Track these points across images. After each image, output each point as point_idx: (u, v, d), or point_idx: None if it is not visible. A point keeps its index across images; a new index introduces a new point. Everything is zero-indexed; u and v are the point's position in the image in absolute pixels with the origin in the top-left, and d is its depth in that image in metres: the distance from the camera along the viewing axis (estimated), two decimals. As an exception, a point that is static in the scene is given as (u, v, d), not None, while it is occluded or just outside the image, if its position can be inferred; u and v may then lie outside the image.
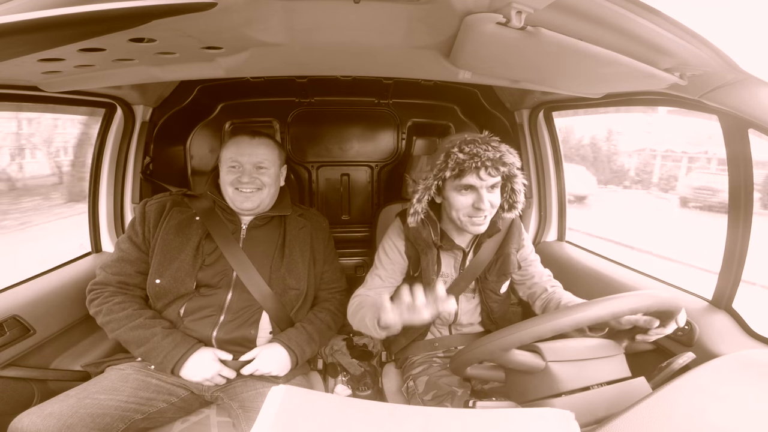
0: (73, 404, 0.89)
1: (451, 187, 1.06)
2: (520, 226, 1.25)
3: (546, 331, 0.68)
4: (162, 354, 1.00)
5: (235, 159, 1.16)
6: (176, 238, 1.13)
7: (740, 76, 0.78)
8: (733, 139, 0.94)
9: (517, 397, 0.75)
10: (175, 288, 1.09)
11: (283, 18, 0.69)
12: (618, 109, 1.42)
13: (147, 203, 1.19)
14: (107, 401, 0.93)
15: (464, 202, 1.05)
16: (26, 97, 1.07)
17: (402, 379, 1.28)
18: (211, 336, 1.08)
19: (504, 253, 1.19)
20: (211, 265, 1.13)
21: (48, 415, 0.85)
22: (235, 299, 1.12)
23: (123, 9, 0.50)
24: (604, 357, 0.74)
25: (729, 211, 0.99)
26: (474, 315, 1.26)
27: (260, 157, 1.16)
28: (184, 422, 1.04)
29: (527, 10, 0.59)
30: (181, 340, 1.03)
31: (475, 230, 1.08)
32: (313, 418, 0.50)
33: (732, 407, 0.57)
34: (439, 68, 0.93)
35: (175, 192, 1.26)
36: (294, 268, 1.19)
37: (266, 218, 1.23)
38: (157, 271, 1.10)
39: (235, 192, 1.15)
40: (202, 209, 1.18)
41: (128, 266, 1.12)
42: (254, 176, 1.16)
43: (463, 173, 1.02)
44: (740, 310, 0.99)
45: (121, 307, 1.06)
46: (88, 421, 0.87)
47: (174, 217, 1.16)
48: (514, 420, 0.52)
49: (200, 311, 1.10)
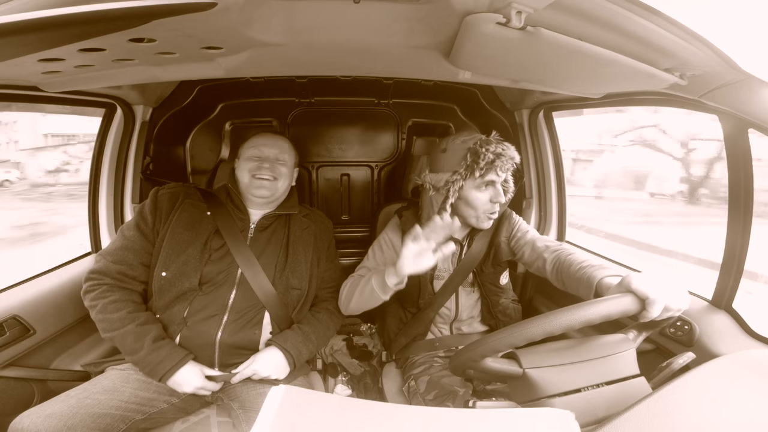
0: (73, 405, 0.89)
1: (472, 185, 1.12)
2: (509, 215, 1.27)
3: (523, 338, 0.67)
4: (148, 367, 0.99)
5: (257, 149, 1.21)
6: (186, 231, 1.12)
7: (740, 76, 0.78)
8: (733, 139, 0.94)
9: (518, 397, 0.75)
10: (180, 282, 1.07)
11: (283, 18, 0.69)
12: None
13: (159, 192, 1.18)
14: (108, 401, 0.93)
15: (483, 199, 1.12)
16: (26, 97, 1.07)
17: (403, 379, 1.28)
18: (216, 338, 1.06)
19: (495, 243, 1.21)
20: (217, 261, 1.13)
21: (49, 416, 0.85)
22: (239, 298, 1.11)
23: (123, 9, 0.50)
24: (595, 359, 0.73)
25: (729, 211, 0.99)
26: (474, 310, 1.26)
27: (280, 149, 1.23)
28: (185, 422, 1.04)
29: (527, 10, 0.59)
30: (167, 354, 1.00)
31: (488, 225, 1.16)
32: (313, 418, 0.50)
33: (732, 407, 0.57)
34: (439, 68, 0.93)
35: (189, 184, 1.28)
36: (297, 269, 1.20)
37: (273, 217, 1.24)
38: (164, 264, 1.09)
39: (252, 179, 1.18)
40: (213, 204, 1.19)
41: (131, 255, 1.09)
42: (274, 165, 1.20)
43: (488, 171, 1.10)
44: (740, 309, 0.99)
45: (115, 306, 1.03)
46: (89, 421, 0.87)
47: (187, 209, 1.16)
48: (514, 420, 0.52)
49: (204, 310, 1.08)
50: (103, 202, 1.48)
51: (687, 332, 1.00)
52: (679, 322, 1.02)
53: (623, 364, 0.74)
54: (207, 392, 1.04)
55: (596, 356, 0.72)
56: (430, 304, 1.23)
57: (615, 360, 0.73)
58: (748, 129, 0.90)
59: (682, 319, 1.02)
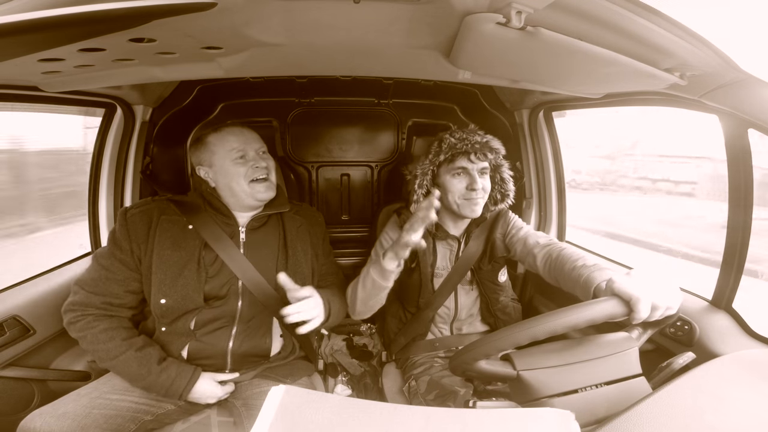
0: (86, 404, 0.89)
1: (446, 171, 1.16)
2: (505, 212, 1.28)
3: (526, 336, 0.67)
4: (163, 389, 0.97)
5: (242, 149, 1.07)
6: (174, 253, 1.03)
7: (740, 76, 0.78)
8: (733, 139, 0.94)
9: (518, 397, 0.75)
10: (184, 305, 1.02)
11: (283, 18, 0.69)
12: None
13: (128, 213, 1.06)
14: (119, 402, 0.94)
15: (458, 185, 1.15)
16: (26, 97, 1.07)
17: (403, 379, 1.28)
18: (227, 349, 1.05)
19: (491, 240, 1.23)
20: (215, 276, 1.06)
21: (62, 415, 0.85)
22: (246, 307, 1.07)
23: (123, 9, 0.50)
24: (596, 358, 0.73)
25: (729, 211, 0.99)
26: (474, 308, 1.26)
27: (257, 139, 1.13)
28: (185, 422, 1.04)
29: (527, 10, 0.59)
30: (177, 374, 0.98)
31: (472, 212, 1.15)
32: (313, 418, 0.50)
33: (732, 407, 0.57)
34: (439, 68, 0.93)
35: (159, 198, 1.14)
36: (299, 269, 1.15)
37: (263, 218, 1.15)
38: (160, 291, 1.01)
39: (253, 185, 1.07)
40: (192, 215, 1.08)
41: (115, 286, 1.02)
42: (263, 160, 1.10)
43: (455, 157, 1.14)
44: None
45: (107, 336, 0.97)
46: (102, 421, 0.87)
47: (165, 228, 1.05)
48: (514, 420, 0.52)
49: (212, 323, 1.05)
50: (103, 203, 1.48)
51: (687, 332, 1.00)
52: (679, 322, 1.02)
53: (626, 363, 0.73)
54: (225, 396, 1.06)
55: (598, 356, 0.72)
56: (429, 303, 1.23)
57: (618, 359, 0.73)
58: (748, 129, 0.90)
59: (682, 319, 1.02)
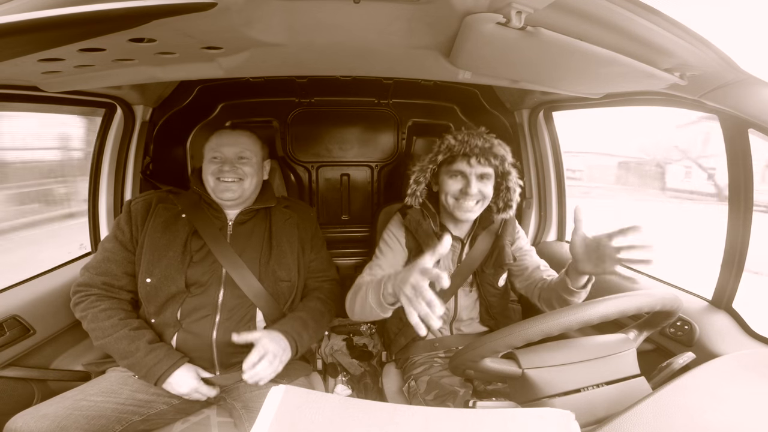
0: (68, 406, 0.89)
1: (444, 171, 1.16)
2: (513, 220, 1.28)
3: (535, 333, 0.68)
4: (144, 369, 0.98)
5: (216, 150, 1.17)
6: (163, 236, 1.11)
7: (740, 76, 0.78)
8: (733, 139, 0.94)
9: (518, 396, 0.75)
10: (166, 286, 1.07)
11: (283, 18, 0.69)
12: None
13: (132, 202, 1.17)
14: (103, 403, 0.93)
15: (453, 187, 1.14)
16: (26, 97, 1.07)
17: (402, 379, 1.28)
18: (212, 338, 1.06)
19: (499, 245, 1.22)
20: (200, 262, 1.11)
21: (42, 417, 0.84)
22: (228, 296, 1.10)
23: (123, 9, 0.50)
24: (595, 359, 0.73)
25: (729, 211, 0.99)
26: (473, 310, 1.26)
27: (241, 147, 1.18)
28: (185, 423, 1.04)
29: (527, 10, 0.59)
30: (164, 355, 1.00)
31: (463, 215, 1.14)
32: (313, 418, 0.50)
33: (732, 407, 0.57)
34: (439, 68, 0.93)
35: (161, 189, 1.25)
36: (283, 260, 1.18)
37: (251, 212, 1.22)
38: (147, 270, 1.08)
39: (217, 182, 1.15)
40: (188, 206, 1.17)
41: (114, 266, 1.09)
42: (236, 166, 1.16)
43: (454, 159, 1.12)
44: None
45: (106, 314, 1.03)
46: (83, 422, 0.87)
47: (160, 214, 1.14)
48: (514, 420, 0.52)
49: (196, 312, 1.08)
50: (103, 202, 1.48)
51: (687, 332, 1.00)
52: (679, 322, 1.02)
53: (624, 364, 0.74)
54: (202, 396, 1.02)
55: (597, 356, 0.72)
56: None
57: (615, 360, 0.73)
58: (748, 129, 0.91)
59: (682, 319, 1.02)
